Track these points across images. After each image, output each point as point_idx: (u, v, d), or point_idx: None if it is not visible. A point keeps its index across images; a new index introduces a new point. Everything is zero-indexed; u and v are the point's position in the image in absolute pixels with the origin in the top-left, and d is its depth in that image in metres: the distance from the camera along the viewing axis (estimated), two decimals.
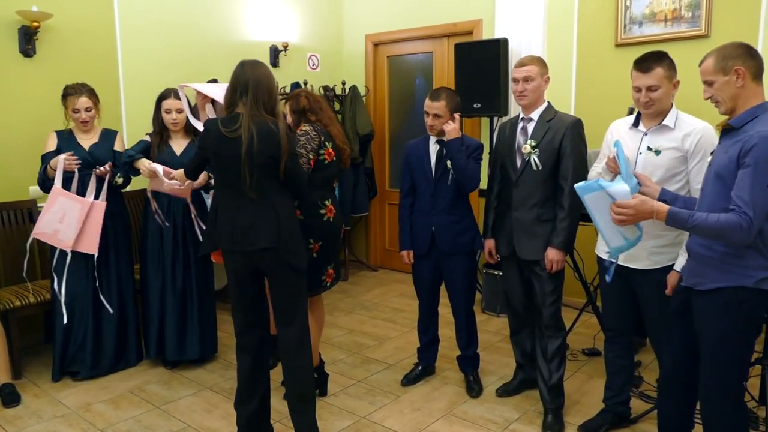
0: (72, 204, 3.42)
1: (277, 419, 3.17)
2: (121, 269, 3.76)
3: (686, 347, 2.40)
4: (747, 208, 2.04)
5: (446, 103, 3.23)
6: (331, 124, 3.21)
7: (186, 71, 4.85)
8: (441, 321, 3.68)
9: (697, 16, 4.22)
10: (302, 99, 3.21)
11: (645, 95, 2.59)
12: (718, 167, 2.20)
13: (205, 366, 3.84)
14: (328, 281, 3.24)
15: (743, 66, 2.15)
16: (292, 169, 2.67)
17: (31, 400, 3.39)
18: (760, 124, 2.11)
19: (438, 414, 3.23)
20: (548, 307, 3.04)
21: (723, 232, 2.08)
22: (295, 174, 2.71)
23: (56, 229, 3.43)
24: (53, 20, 4.01)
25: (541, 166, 2.98)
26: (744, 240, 2.09)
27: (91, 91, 3.62)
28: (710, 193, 2.24)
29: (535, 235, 3.02)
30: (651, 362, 3.66)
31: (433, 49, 5.79)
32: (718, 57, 2.19)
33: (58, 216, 3.42)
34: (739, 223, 2.05)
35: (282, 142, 2.59)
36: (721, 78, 2.19)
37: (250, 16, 5.38)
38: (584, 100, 4.75)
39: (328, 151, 3.12)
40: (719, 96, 2.21)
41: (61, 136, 3.64)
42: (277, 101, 2.70)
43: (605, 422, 3.00)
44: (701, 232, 2.14)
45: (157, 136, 3.74)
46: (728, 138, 2.20)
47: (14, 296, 3.61)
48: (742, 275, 2.16)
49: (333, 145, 3.16)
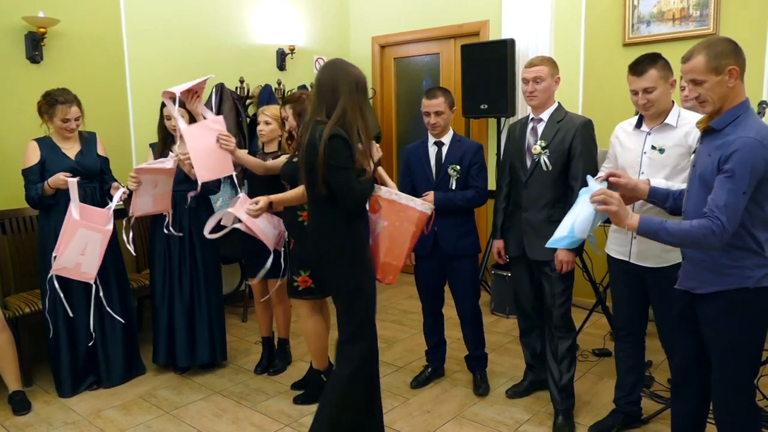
0: (93, 235, 3.26)
1: (286, 423, 3.17)
2: (120, 277, 3.70)
3: (694, 351, 2.37)
4: (720, 212, 2.01)
5: (444, 99, 3.26)
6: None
7: (194, 75, 4.81)
8: (449, 323, 3.67)
9: (705, 15, 4.20)
10: (307, 102, 3.15)
11: (642, 97, 2.61)
12: (702, 170, 2.17)
13: (215, 371, 3.84)
14: (300, 286, 3.21)
15: (736, 65, 2.08)
16: (330, 180, 2.43)
17: (42, 407, 3.39)
18: (741, 127, 2.07)
19: (448, 416, 3.21)
20: (558, 307, 3.03)
21: (696, 239, 2.05)
22: (336, 186, 2.44)
23: (78, 263, 3.24)
24: (60, 26, 4.02)
25: (551, 167, 2.97)
26: (715, 246, 2.05)
27: (77, 99, 3.50)
28: (695, 196, 2.21)
29: (545, 236, 2.97)
30: (662, 362, 3.63)
31: (439, 50, 5.79)
32: (710, 55, 2.08)
33: (80, 248, 3.23)
34: (710, 227, 2.02)
35: (319, 152, 2.38)
36: (713, 78, 2.09)
37: (256, 20, 5.39)
38: (592, 101, 4.73)
39: None
40: (709, 96, 2.12)
41: (43, 145, 3.49)
42: (340, 101, 2.45)
43: (616, 423, 2.98)
44: (674, 239, 2.09)
45: (161, 143, 3.71)
46: (710, 140, 2.16)
47: (24, 303, 3.61)
48: (741, 277, 2.14)
49: None
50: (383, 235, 2.72)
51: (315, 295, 3.26)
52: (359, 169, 2.48)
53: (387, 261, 2.72)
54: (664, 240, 2.14)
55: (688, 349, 2.40)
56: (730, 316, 2.17)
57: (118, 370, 3.67)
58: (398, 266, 2.74)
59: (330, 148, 2.38)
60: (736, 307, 2.15)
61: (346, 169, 2.43)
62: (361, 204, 2.57)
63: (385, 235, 2.72)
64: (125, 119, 4.51)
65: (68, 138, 3.56)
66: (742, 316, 2.16)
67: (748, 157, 2.01)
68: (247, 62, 5.30)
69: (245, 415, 3.28)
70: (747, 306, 2.15)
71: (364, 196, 2.54)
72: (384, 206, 2.72)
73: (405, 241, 2.72)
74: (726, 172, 2.03)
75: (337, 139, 2.39)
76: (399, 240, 2.71)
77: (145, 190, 3.43)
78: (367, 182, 2.53)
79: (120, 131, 4.45)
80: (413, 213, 2.71)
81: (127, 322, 3.69)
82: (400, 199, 2.73)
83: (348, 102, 2.45)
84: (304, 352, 4.09)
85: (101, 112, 4.26)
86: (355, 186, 2.46)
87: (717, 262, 2.17)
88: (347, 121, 2.44)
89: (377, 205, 2.72)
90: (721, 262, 2.16)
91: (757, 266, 2.13)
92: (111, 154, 3.76)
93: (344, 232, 2.52)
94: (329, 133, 2.38)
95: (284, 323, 3.85)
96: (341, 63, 2.56)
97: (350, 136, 2.45)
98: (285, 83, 5.47)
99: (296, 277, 3.22)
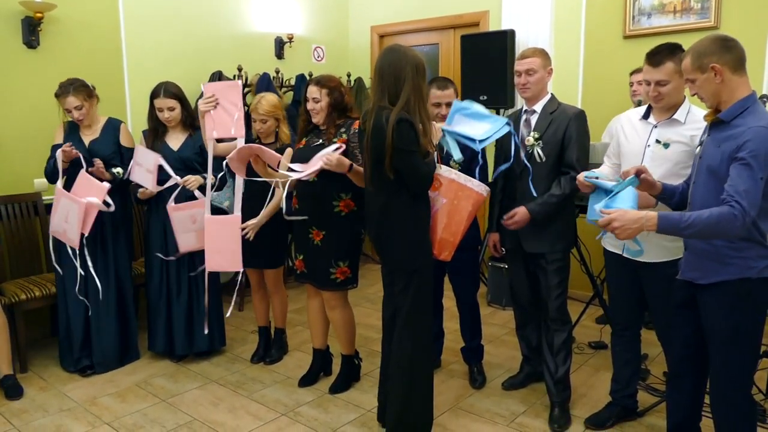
0: (71, 205, 3.35)
1: (282, 412, 3.17)
2: (119, 263, 3.70)
3: (692, 341, 2.39)
4: (740, 197, 2.02)
5: (454, 89, 3.27)
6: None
7: (191, 63, 4.83)
8: (446, 314, 3.67)
9: (706, 8, 4.18)
10: (347, 96, 3.19)
11: (654, 89, 2.56)
12: (710, 161, 2.18)
13: (211, 359, 3.84)
14: (339, 278, 3.18)
15: (719, 62, 2.12)
16: (397, 164, 2.52)
17: (37, 394, 3.39)
18: (750, 117, 2.10)
19: (444, 407, 3.21)
20: (554, 300, 3.02)
21: (718, 226, 2.04)
22: (404, 168, 2.54)
23: (64, 229, 3.40)
24: (57, 11, 3.99)
25: (545, 158, 2.95)
26: (739, 231, 2.05)
27: (79, 88, 3.47)
28: (702, 187, 2.22)
29: (540, 228, 3.00)
30: (658, 355, 3.64)
31: (439, 40, 5.76)
32: (694, 55, 2.16)
33: (63, 216, 3.38)
34: (732, 213, 2.02)
35: (387, 138, 2.48)
36: (699, 76, 2.16)
37: (255, 8, 5.35)
38: (592, 92, 4.71)
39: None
40: (701, 93, 2.20)
41: (68, 128, 3.60)
42: (404, 87, 2.52)
43: (612, 415, 2.99)
44: (696, 230, 2.08)
45: (152, 133, 3.66)
46: (719, 131, 2.18)
47: (20, 289, 3.60)
48: (744, 267, 2.15)
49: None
50: (442, 212, 2.77)
51: (353, 284, 3.25)
52: (424, 151, 2.56)
53: (444, 237, 2.77)
54: (685, 234, 2.12)
55: (686, 340, 2.41)
56: (733, 307, 2.18)
57: (111, 354, 3.68)
58: (454, 242, 2.79)
59: (398, 132, 2.47)
60: (740, 297, 2.17)
61: (413, 152, 2.53)
62: (428, 185, 2.64)
63: (444, 212, 2.77)
64: (122, 106, 4.48)
65: (86, 126, 3.59)
66: (745, 306, 2.17)
67: (762, 145, 2.03)
68: (246, 50, 5.27)
69: (241, 404, 3.28)
70: (750, 296, 2.17)
71: (430, 177, 2.62)
72: (444, 184, 2.77)
73: (462, 219, 2.77)
74: (741, 160, 2.05)
75: (405, 123, 2.48)
76: (456, 218, 2.76)
77: (185, 226, 3.49)
78: (432, 163, 2.61)
79: (117, 118, 4.42)
80: (471, 192, 2.76)
81: (121, 307, 3.69)
82: (459, 179, 2.77)
83: (411, 86, 2.52)
84: (300, 342, 4.09)
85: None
86: (422, 168, 2.56)
87: (720, 252, 2.17)
88: (411, 106, 2.52)
89: (437, 182, 2.76)
90: (724, 252, 2.17)
91: (759, 257, 2.14)
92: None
93: (408, 213, 2.64)
94: (396, 117, 2.46)
95: (281, 313, 3.84)
96: (399, 48, 2.62)
97: (414, 119, 2.52)
98: (283, 72, 5.44)
99: (334, 270, 3.15)
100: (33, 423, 3.08)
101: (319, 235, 3.14)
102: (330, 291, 3.23)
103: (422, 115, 2.56)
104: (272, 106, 3.48)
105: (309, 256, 3.20)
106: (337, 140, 3.08)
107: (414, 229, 2.66)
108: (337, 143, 3.03)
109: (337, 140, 3.08)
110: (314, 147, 3.09)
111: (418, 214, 2.67)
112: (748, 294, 2.16)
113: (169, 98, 3.54)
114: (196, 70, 4.81)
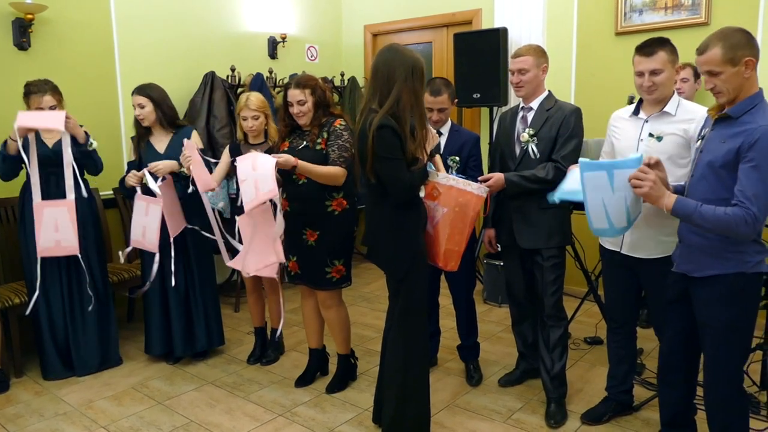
0: (58, 210, 3.30)
1: (279, 413, 3.16)
2: (92, 264, 3.62)
3: (683, 335, 2.40)
4: (750, 203, 2.02)
5: (448, 95, 3.23)
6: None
7: (184, 64, 4.82)
8: (442, 312, 3.67)
9: (697, 4, 4.20)
10: (328, 92, 3.15)
11: (648, 80, 2.56)
12: (713, 157, 2.16)
13: (207, 361, 3.83)
14: (335, 277, 3.18)
15: (752, 56, 2.08)
16: (377, 170, 2.46)
17: (33, 398, 3.37)
18: (759, 115, 2.08)
19: (441, 405, 3.22)
20: (550, 296, 3.03)
21: (729, 226, 2.06)
22: (383, 176, 2.47)
23: (57, 240, 3.33)
24: (48, 12, 3.97)
25: (539, 155, 2.95)
26: (748, 235, 2.07)
27: (55, 88, 3.45)
28: (701, 182, 2.21)
29: (535, 224, 3.00)
30: (653, 350, 3.65)
31: (432, 39, 5.76)
32: (726, 46, 2.07)
33: (52, 227, 3.31)
34: (743, 217, 2.03)
35: (368, 142, 2.41)
36: (729, 69, 2.08)
37: (248, 8, 5.34)
38: (584, 89, 4.73)
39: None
40: (724, 87, 2.12)
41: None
42: (394, 88, 2.43)
43: (608, 410, 3.00)
44: (706, 223, 2.09)
45: (137, 136, 3.65)
46: (724, 127, 2.16)
47: (13, 293, 3.58)
48: (740, 262, 2.16)
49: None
50: (444, 223, 2.71)
51: (347, 282, 3.25)
52: (411, 158, 2.47)
53: (449, 248, 2.72)
54: (697, 224, 2.13)
55: (677, 333, 2.42)
56: (728, 301, 2.19)
57: (90, 360, 3.64)
58: (460, 251, 2.75)
59: (378, 138, 2.39)
60: (734, 291, 2.18)
61: (394, 159, 2.43)
62: (410, 195, 2.52)
63: (446, 223, 2.71)
64: (115, 108, 4.47)
65: (49, 130, 3.49)
66: (739, 300, 2.19)
67: None
68: (239, 50, 5.26)
69: (238, 405, 3.27)
70: (744, 290, 2.18)
71: (412, 187, 2.50)
72: (443, 192, 2.70)
73: (465, 227, 2.72)
74: (750, 161, 2.03)
75: (386, 129, 2.39)
76: (459, 226, 2.71)
77: (173, 208, 3.50)
78: (419, 172, 2.51)
79: (109, 120, 4.42)
80: (471, 197, 2.70)
81: (101, 310, 3.65)
82: (458, 184, 2.70)
83: (403, 89, 2.43)
84: (296, 342, 4.08)
85: (90, 100, 4.24)
86: (403, 176, 2.45)
87: (716, 247, 2.18)
88: (400, 109, 2.43)
89: (435, 192, 2.70)
90: (720, 247, 2.17)
91: (755, 252, 2.16)
92: (100, 143, 3.63)
93: (395, 220, 2.55)
94: (378, 123, 2.38)
95: (277, 313, 3.83)
96: (396, 48, 2.52)
97: (401, 125, 2.42)
98: (276, 72, 5.42)
99: (329, 269, 3.15)
100: (29, 428, 3.07)
101: (314, 235, 3.13)
102: (325, 290, 3.23)
103: (414, 120, 2.48)
104: (262, 102, 3.50)
105: (303, 257, 3.19)
106: (321, 141, 3.08)
107: (397, 239, 2.57)
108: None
109: (321, 141, 3.08)
110: (300, 150, 3.08)
111: (405, 223, 2.57)
112: (742, 288, 2.18)
113: (138, 95, 3.53)
114: (189, 71, 4.80)
